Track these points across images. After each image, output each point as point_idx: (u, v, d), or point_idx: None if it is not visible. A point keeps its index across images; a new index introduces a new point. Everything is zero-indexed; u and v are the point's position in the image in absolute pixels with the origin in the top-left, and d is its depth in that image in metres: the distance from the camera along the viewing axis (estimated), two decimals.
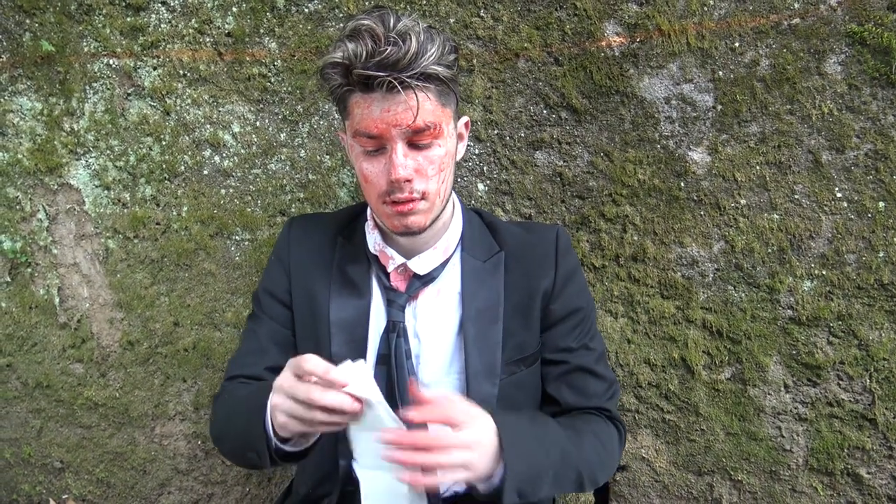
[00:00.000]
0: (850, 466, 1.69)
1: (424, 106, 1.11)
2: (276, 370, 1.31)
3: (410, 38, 1.06)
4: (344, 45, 1.07)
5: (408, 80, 1.07)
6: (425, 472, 0.93)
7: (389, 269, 1.29)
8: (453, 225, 1.33)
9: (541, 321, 1.31)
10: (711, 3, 1.56)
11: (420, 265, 1.28)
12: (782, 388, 1.69)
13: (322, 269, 1.33)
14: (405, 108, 1.09)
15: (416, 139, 1.13)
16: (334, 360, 1.26)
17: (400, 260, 1.28)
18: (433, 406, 0.99)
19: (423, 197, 1.16)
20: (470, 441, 0.97)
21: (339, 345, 1.28)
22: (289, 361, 1.02)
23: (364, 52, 1.06)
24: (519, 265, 1.32)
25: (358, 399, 0.97)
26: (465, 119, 1.30)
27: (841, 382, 1.66)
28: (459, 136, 1.28)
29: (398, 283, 1.29)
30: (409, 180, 1.14)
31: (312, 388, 0.96)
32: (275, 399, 1.02)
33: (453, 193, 1.35)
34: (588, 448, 1.19)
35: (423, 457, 0.93)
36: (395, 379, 1.25)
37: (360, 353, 1.28)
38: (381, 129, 1.11)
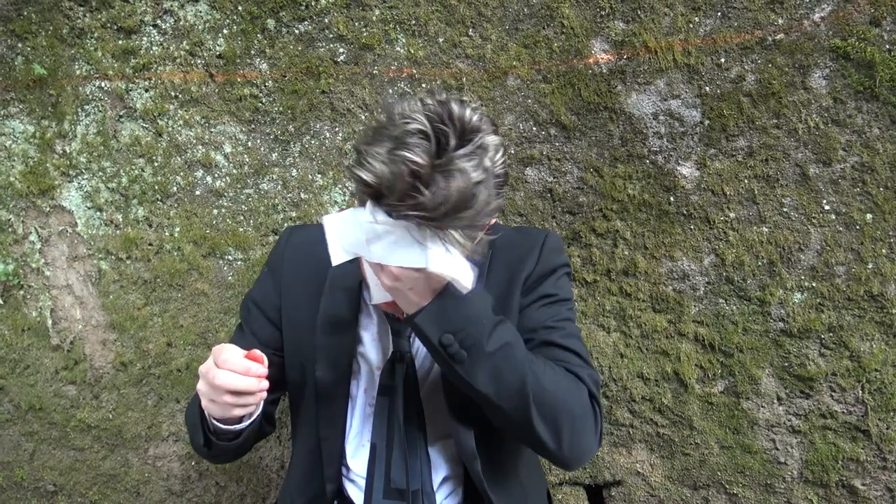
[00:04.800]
0: (844, 478, 1.69)
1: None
2: None
3: (453, 184, 0.93)
4: (379, 169, 0.95)
5: (436, 227, 0.97)
6: None
7: (375, 301, 1.26)
8: None
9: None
10: (697, 19, 1.58)
11: None
12: (775, 401, 1.69)
13: (312, 287, 1.31)
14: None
15: None
16: (317, 385, 1.26)
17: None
18: None
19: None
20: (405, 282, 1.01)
21: (323, 368, 1.27)
22: (213, 350, 1.06)
23: (398, 189, 0.94)
24: (502, 259, 1.28)
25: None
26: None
27: (833, 394, 1.67)
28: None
29: (398, 311, 1.27)
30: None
31: (220, 372, 1.01)
32: (198, 385, 1.06)
33: None
34: (545, 367, 1.11)
35: None
36: (399, 411, 1.23)
37: (344, 378, 1.27)
38: None
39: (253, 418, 1.14)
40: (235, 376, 1.01)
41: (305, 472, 1.33)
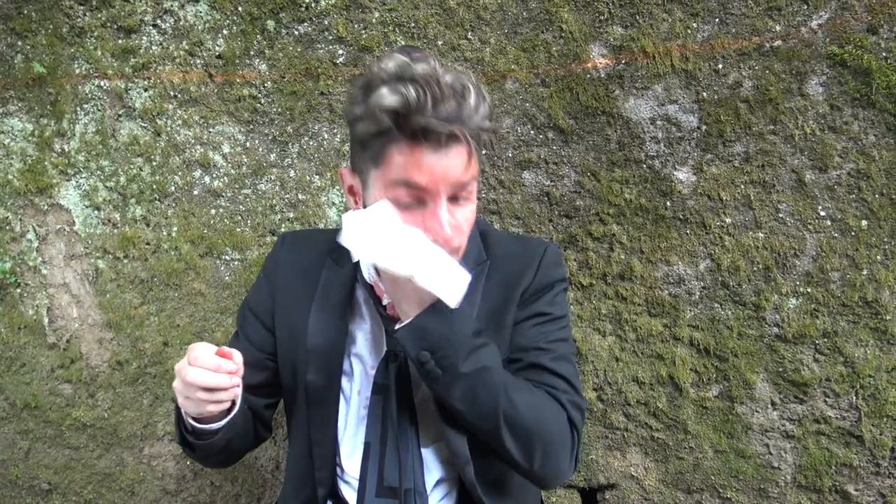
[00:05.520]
0: (837, 483, 1.70)
1: (473, 164, 1.07)
2: (245, 388, 1.32)
3: (470, 92, 1.03)
4: (400, 89, 0.99)
5: (463, 134, 1.02)
6: None
7: (385, 301, 1.25)
8: None
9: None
10: (695, 25, 1.59)
11: None
12: (769, 406, 1.70)
13: (306, 291, 1.31)
14: (456, 161, 1.04)
15: (458, 194, 1.09)
16: (308, 388, 1.27)
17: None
18: None
19: (456, 252, 1.11)
20: (401, 287, 1.07)
21: (314, 372, 1.27)
22: (188, 348, 1.08)
23: (425, 101, 0.99)
24: (500, 273, 1.28)
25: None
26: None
27: (827, 399, 1.67)
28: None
29: (394, 311, 1.24)
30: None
31: (192, 369, 1.04)
32: (174, 383, 1.09)
33: None
34: (523, 393, 1.14)
35: None
36: (392, 410, 1.23)
37: (335, 381, 1.27)
38: (428, 181, 1.04)
39: (229, 417, 1.16)
40: (206, 373, 1.04)
41: (299, 475, 1.33)
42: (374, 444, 1.25)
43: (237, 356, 1.08)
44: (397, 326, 1.12)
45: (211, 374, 1.04)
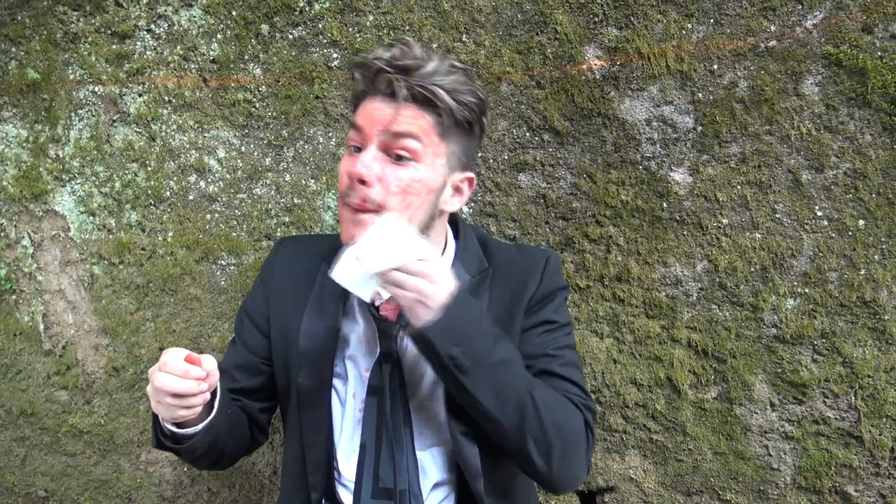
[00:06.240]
0: (837, 485, 1.69)
1: (414, 120, 1.12)
2: (240, 392, 1.32)
3: (431, 58, 1.13)
4: (373, 49, 1.17)
5: (408, 88, 1.11)
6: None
7: (377, 303, 1.26)
8: (446, 255, 1.31)
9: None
10: (689, 26, 1.59)
11: None
12: (768, 407, 1.69)
13: (301, 296, 1.32)
14: (394, 112, 1.12)
15: (394, 148, 1.13)
16: (299, 392, 1.27)
17: (387, 294, 1.24)
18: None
19: (377, 210, 1.13)
20: (433, 273, 1.07)
21: (305, 375, 1.27)
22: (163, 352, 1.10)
23: (386, 55, 1.13)
24: (504, 281, 1.30)
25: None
26: (469, 174, 1.24)
27: (826, 400, 1.67)
28: (457, 190, 1.23)
29: (388, 311, 1.27)
30: (363, 182, 1.12)
31: (160, 375, 1.05)
32: (147, 387, 1.10)
33: (460, 224, 1.35)
34: (543, 390, 1.15)
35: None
36: (387, 410, 1.24)
37: (326, 385, 1.28)
38: (363, 122, 1.15)
39: (206, 421, 1.16)
40: (174, 378, 1.05)
41: (294, 480, 1.33)
42: (369, 445, 1.25)
43: (207, 362, 1.08)
44: (422, 326, 1.09)
45: (178, 380, 1.05)
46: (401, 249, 1.05)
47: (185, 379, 1.05)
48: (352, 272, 1.08)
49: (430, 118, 1.13)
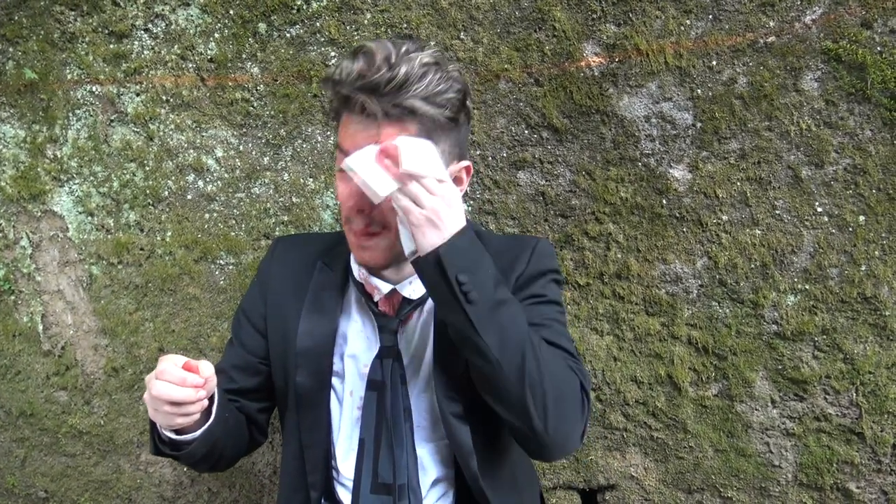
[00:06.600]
0: (839, 481, 1.69)
1: (398, 133, 1.07)
2: (238, 392, 1.32)
3: (401, 68, 1.04)
4: (340, 62, 1.09)
5: (384, 108, 1.06)
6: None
7: (376, 298, 1.26)
8: None
9: None
10: (688, 22, 1.58)
11: (413, 290, 1.24)
12: (769, 404, 1.68)
13: (297, 295, 1.31)
14: (376, 132, 1.07)
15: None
16: (297, 391, 1.27)
17: (387, 288, 1.24)
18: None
19: (381, 233, 1.13)
20: (450, 196, 1.05)
21: (304, 374, 1.27)
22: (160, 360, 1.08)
23: (353, 72, 1.06)
24: (495, 263, 1.27)
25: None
26: (465, 163, 1.20)
27: (827, 397, 1.66)
28: (457, 181, 1.21)
29: (386, 307, 1.26)
30: (361, 210, 1.12)
31: (157, 383, 1.03)
32: (144, 395, 1.08)
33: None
34: (542, 344, 1.11)
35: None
36: (387, 405, 1.23)
37: (324, 384, 1.27)
38: (348, 146, 1.09)
39: (204, 428, 1.15)
40: (171, 387, 1.03)
41: (292, 479, 1.32)
42: (368, 440, 1.24)
43: (205, 369, 1.06)
44: (429, 250, 1.05)
45: (176, 388, 1.03)
46: (429, 163, 1.04)
47: (182, 387, 1.03)
48: (370, 168, 1.04)
49: (413, 126, 1.09)
